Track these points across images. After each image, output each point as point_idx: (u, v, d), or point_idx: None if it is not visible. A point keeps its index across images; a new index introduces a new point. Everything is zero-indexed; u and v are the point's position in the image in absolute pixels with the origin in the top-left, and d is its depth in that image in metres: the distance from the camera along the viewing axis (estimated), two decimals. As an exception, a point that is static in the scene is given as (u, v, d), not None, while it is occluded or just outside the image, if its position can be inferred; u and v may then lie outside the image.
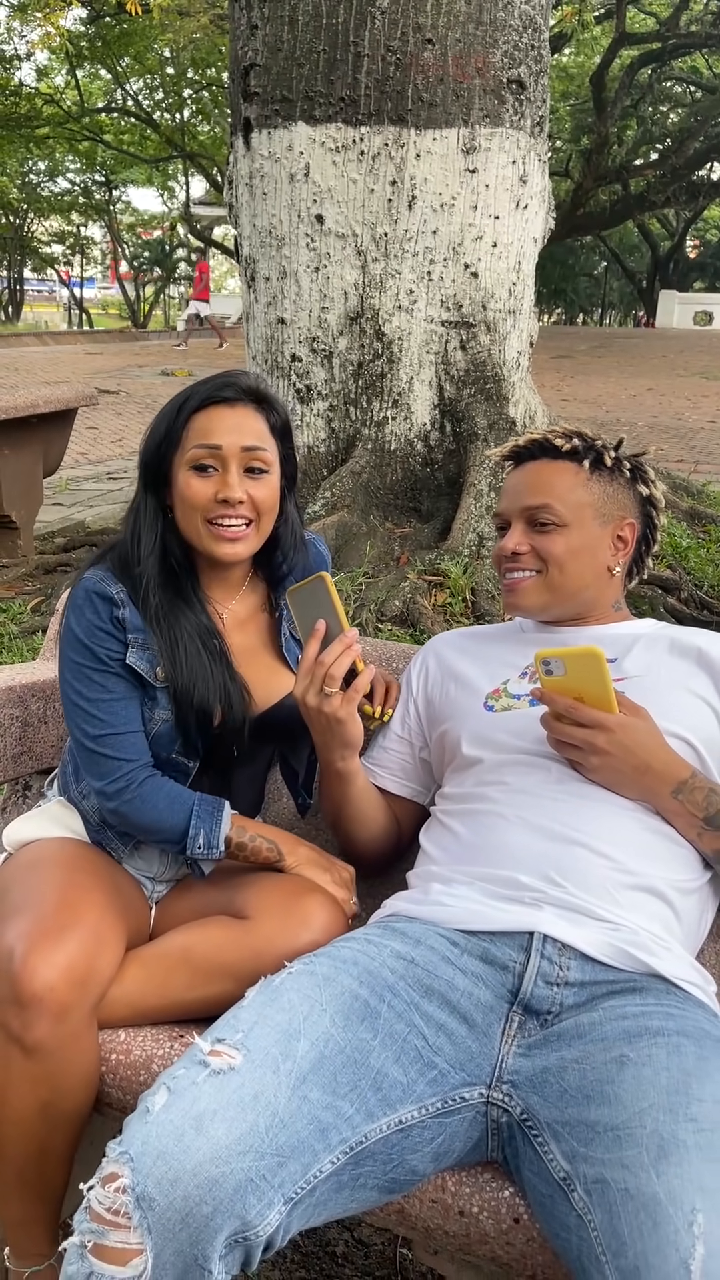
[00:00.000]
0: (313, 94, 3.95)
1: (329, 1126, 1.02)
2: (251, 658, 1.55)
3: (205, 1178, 0.94)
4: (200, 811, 1.43)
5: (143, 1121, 0.99)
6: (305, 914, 1.37)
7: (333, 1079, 1.05)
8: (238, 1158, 0.95)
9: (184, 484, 1.44)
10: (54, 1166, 1.30)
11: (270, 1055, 1.04)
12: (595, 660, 1.29)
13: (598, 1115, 1.01)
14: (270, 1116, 0.99)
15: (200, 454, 1.43)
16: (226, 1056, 1.03)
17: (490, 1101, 1.12)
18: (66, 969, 1.23)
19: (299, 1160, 0.99)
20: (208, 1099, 0.99)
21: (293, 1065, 1.04)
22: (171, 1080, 1.03)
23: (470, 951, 1.22)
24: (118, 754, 1.44)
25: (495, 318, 4.27)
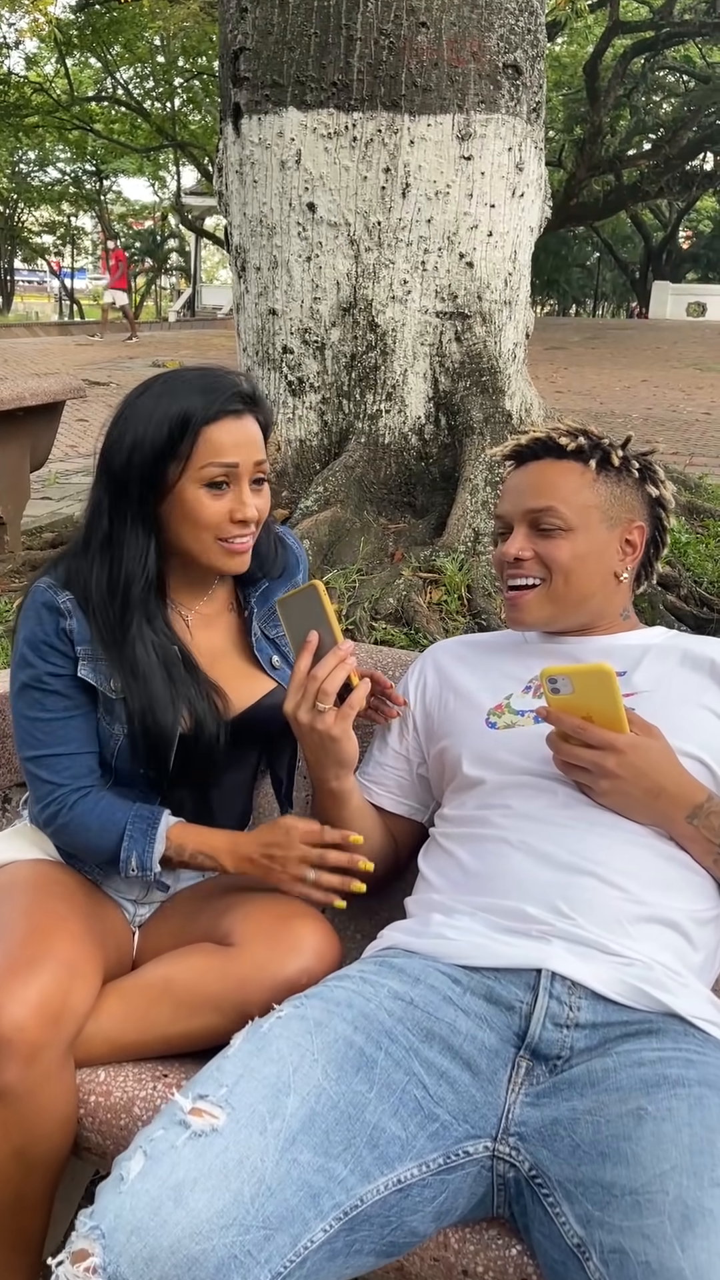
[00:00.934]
0: (304, 78, 3.85)
1: (321, 1191, 0.93)
2: (221, 659, 1.47)
3: (184, 1256, 0.86)
4: (132, 831, 1.35)
5: (116, 1191, 0.91)
6: (295, 939, 1.29)
7: (325, 1138, 0.96)
8: (220, 1232, 0.87)
9: (196, 502, 1.35)
10: (30, 1215, 1.22)
11: (257, 1113, 0.95)
12: (605, 678, 1.21)
13: (614, 1176, 0.93)
14: (256, 1184, 0.91)
15: (215, 472, 1.34)
16: (208, 1116, 0.95)
17: (496, 1155, 1.03)
18: (38, 1006, 1.15)
19: (288, 1231, 0.90)
20: (187, 1166, 0.91)
21: (281, 1124, 0.95)
22: (148, 1143, 0.94)
23: (473, 990, 1.13)
24: (51, 776, 1.37)
25: (491, 309, 4.18)
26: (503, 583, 1.45)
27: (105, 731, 1.39)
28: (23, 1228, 1.22)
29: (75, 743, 1.38)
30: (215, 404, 1.33)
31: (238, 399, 1.35)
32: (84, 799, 1.37)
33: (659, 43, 18.64)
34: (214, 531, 1.36)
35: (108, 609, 1.37)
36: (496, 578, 1.48)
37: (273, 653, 1.50)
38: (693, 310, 27.30)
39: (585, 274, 39.65)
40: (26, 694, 1.38)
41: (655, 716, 1.29)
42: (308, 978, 1.24)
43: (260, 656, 1.49)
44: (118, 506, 1.38)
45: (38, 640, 1.36)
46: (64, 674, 1.37)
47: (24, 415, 4.84)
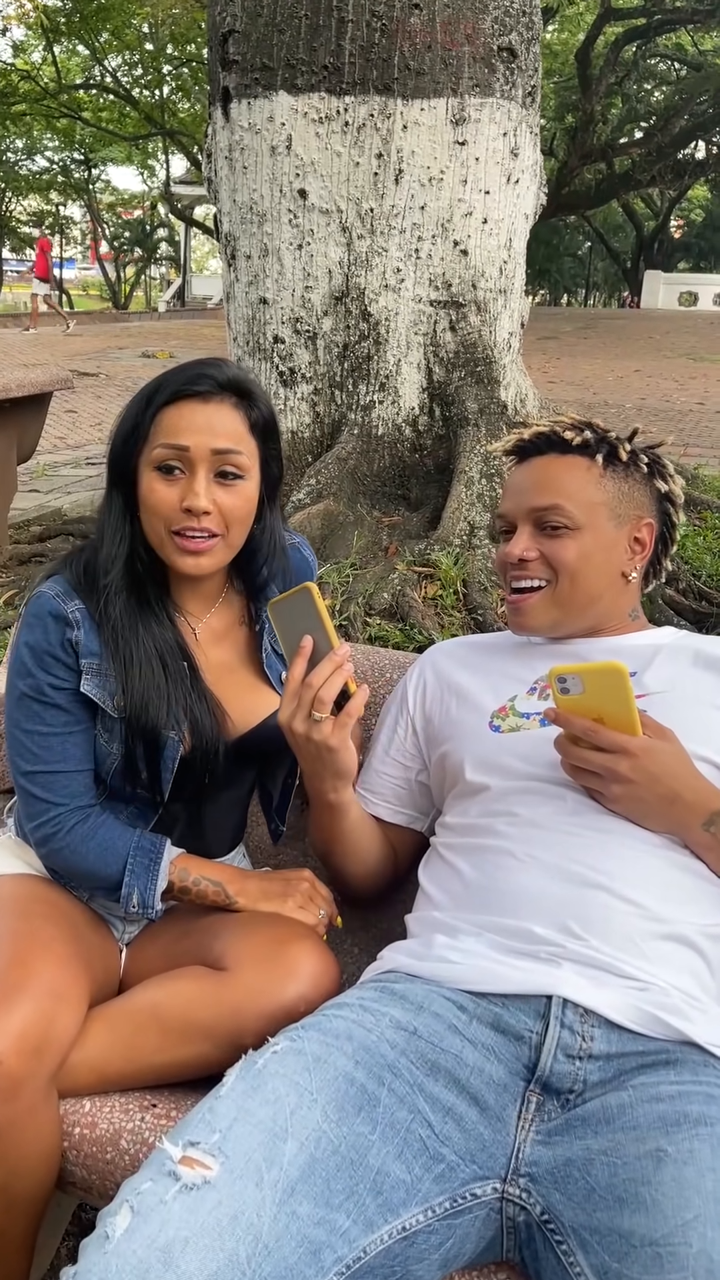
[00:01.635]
0: (294, 61, 3.77)
1: (322, 1245, 0.87)
2: (228, 675, 1.39)
3: None
4: (134, 867, 1.28)
5: (101, 1251, 0.84)
6: (290, 963, 1.22)
7: (326, 1187, 0.90)
8: None
9: (147, 486, 1.27)
10: (13, 1252, 1.16)
11: (252, 1162, 0.88)
12: (618, 677, 1.14)
13: (633, 1224, 0.87)
14: (253, 1242, 0.84)
15: (165, 454, 1.25)
16: (200, 1167, 0.88)
17: (506, 1197, 0.97)
18: (19, 1037, 1.08)
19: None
20: (178, 1223, 0.84)
21: (279, 1174, 0.88)
22: (135, 1197, 0.87)
23: (480, 1018, 1.07)
24: (48, 795, 1.29)
25: (486, 297, 4.10)
26: (505, 585, 1.39)
27: (103, 750, 1.31)
28: (6, 1264, 1.15)
29: (74, 760, 1.30)
30: (181, 387, 1.26)
31: (206, 381, 1.27)
32: (81, 824, 1.30)
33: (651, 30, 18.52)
34: (164, 520, 1.27)
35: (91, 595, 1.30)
36: (498, 579, 1.41)
37: (282, 669, 1.42)
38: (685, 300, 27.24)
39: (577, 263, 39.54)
40: (25, 705, 1.30)
41: (668, 718, 1.23)
42: (305, 1004, 1.17)
43: (270, 674, 1.42)
44: (108, 492, 1.33)
45: (41, 650, 1.28)
46: (66, 687, 1.29)
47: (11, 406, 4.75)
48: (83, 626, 1.28)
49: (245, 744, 1.37)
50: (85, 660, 1.28)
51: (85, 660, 1.28)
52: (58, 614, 1.28)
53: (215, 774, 1.34)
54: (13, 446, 4.96)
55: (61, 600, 1.29)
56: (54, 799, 1.30)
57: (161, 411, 1.26)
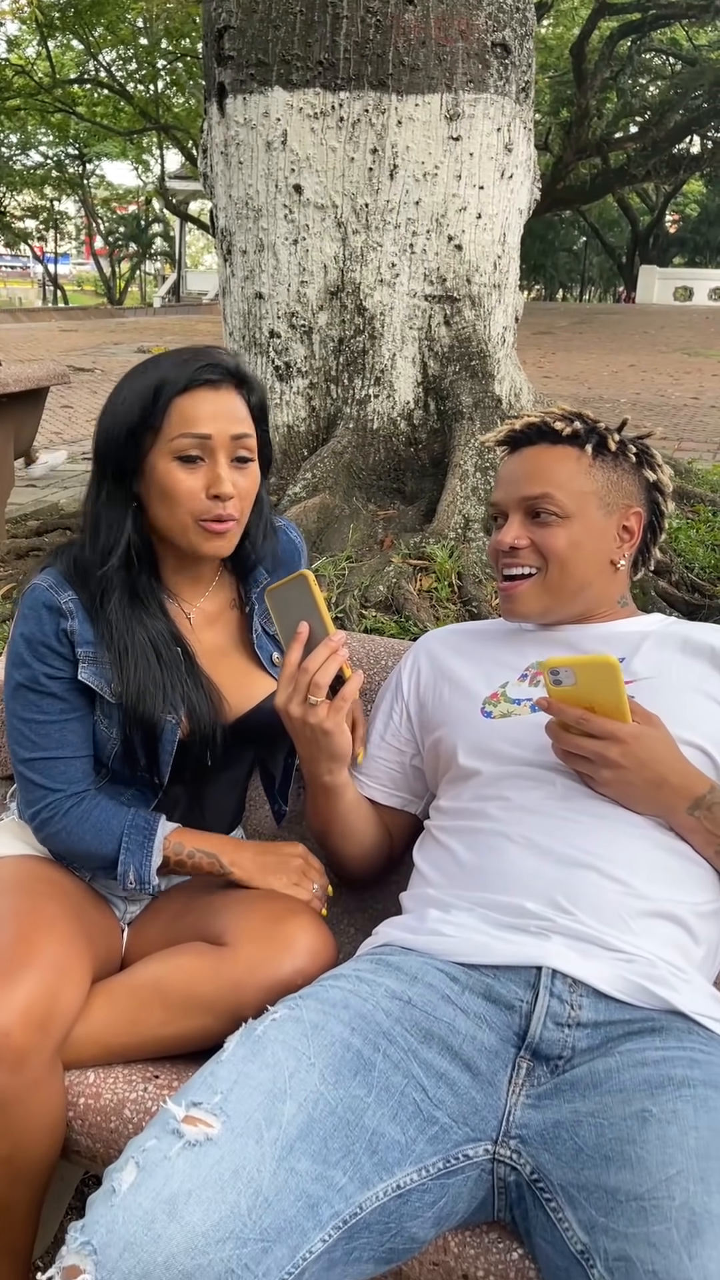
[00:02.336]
0: (289, 57, 3.79)
1: (319, 1201, 0.90)
2: (223, 659, 1.43)
3: (179, 1271, 0.83)
4: (129, 844, 1.32)
5: (108, 1204, 0.88)
6: (288, 939, 1.25)
7: (323, 1145, 0.93)
8: (216, 1246, 0.84)
9: (168, 477, 1.29)
10: (18, 1222, 1.19)
11: (253, 1121, 0.92)
12: (610, 670, 1.18)
13: (619, 1180, 0.90)
14: (253, 1195, 0.88)
15: (187, 444, 1.28)
16: (202, 1125, 0.91)
17: (497, 1159, 1.01)
18: (24, 1010, 1.12)
19: (286, 1243, 0.87)
20: (181, 1177, 0.88)
21: (278, 1132, 0.92)
22: (140, 1154, 0.91)
23: (472, 989, 1.10)
24: (45, 781, 1.33)
25: (480, 292, 4.13)
26: (497, 572, 1.42)
27: (103, 735, 1.35)
28: (11, 1235, 1.19)
29: (70, 746, 1.34)
30: (188, 373, 1.29)
31: (214, 369, 1.30)
32: (77, 806, 1.33)
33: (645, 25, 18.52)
34: (190, 509, 1.30)
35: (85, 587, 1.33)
36: (491, 566, 1.45)
37: (273, 650, 1.46)
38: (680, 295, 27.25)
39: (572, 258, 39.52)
40: (21, 695, 1.33)
41: (655, 704, 1.26)
42: (302, 978, 1.20)
43: (261, 654, 1.45)
44: (100, 485, 1.34)
45: (36, 641, 1.32)
46: (62, 676, 1.32)
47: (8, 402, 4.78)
48: (76, 616, 1.32)
49: (243, 726, 1.41)
50: (81, 649, 1.31)
51: (81, 649, 1.31)
52: (51, 605, 1.32)
53: (214, 756, 1.38)
54: (10, 441, 4.98)
55: (54, 591, 1.32)
56: (51, 785, 1.33)
57: (175, 402, 1.28)
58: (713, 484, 5.14)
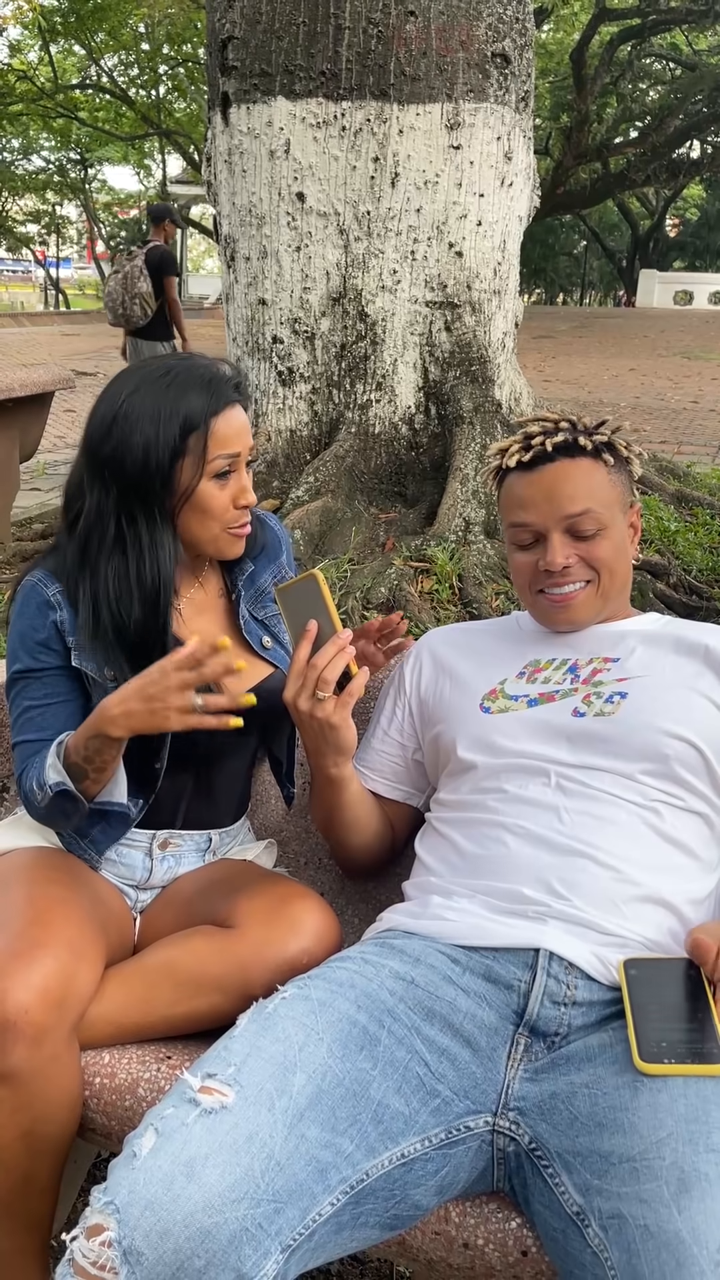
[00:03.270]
0: (292, 68, 3.85)
1: (328, 1166, 0.96)
2: None
3: (198, 1228, 0.88)
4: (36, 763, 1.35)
5: (129, 1167, 0.93)
6: (294, 920, 1.31)
7: (331, 1114, 0.99)
8: (232, 1206, 0.89)
9: (209, 495, 1.37)
10: (39, 1195, 1.24)
11: (265, 1091, 0.98)
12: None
13: (612, 1145, 0.96)
14: (266, 1159, 0.93)
15: (224, 464, 1.36)
16: (218, 1094, 0.97)
17: (496, 1130, 1.06)
18: (41, 990, 1.17)
19: (297, 1204, 0.93)
20: (199, 1142, 0.93)
21: (289, 1101, 0.97)
22: (159, 1121, 0.96)
23: (473, 970, 1.16)
24: (19, 765, 1.39)
25: (480, 298, 4.19)
26: (532, 590, 1.42)
27: None
28: (31, 1209, 1.24)
29: (51, 730, 1.39)
30: (220, 398, 1.35)
31: (234, 389, 1.38)
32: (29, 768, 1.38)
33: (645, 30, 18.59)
34: (222, 521, 1.39)
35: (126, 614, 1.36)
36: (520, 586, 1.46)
37: (263, 634, 1.52)
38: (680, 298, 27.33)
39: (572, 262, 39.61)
40: (16, 684, 1.42)
41: (648, 699, 1.31)
42: (308, 958, 1.26)
43: (250, 639, 1.51)
44: (136, 509, 1.36)
45: (29, 637, 1.40)
46: (53, 667, 1.40)
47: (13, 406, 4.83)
48: (64, 608, 1.39)
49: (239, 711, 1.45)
50: (72, 638, 1.39)
51: (72, 638, 1.39)
52: (42, 600, 1.40)
53: (214, 745, 1.42)
54: (15, 445, 5.03)
55: (44, 586, 1.40)
56: (21, 769, 1.39)
57: (212, 426, 1.34)
58: (711, 487, 5.19)
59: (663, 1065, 1.00)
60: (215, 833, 1.54)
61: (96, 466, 1.38)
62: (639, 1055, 1.01)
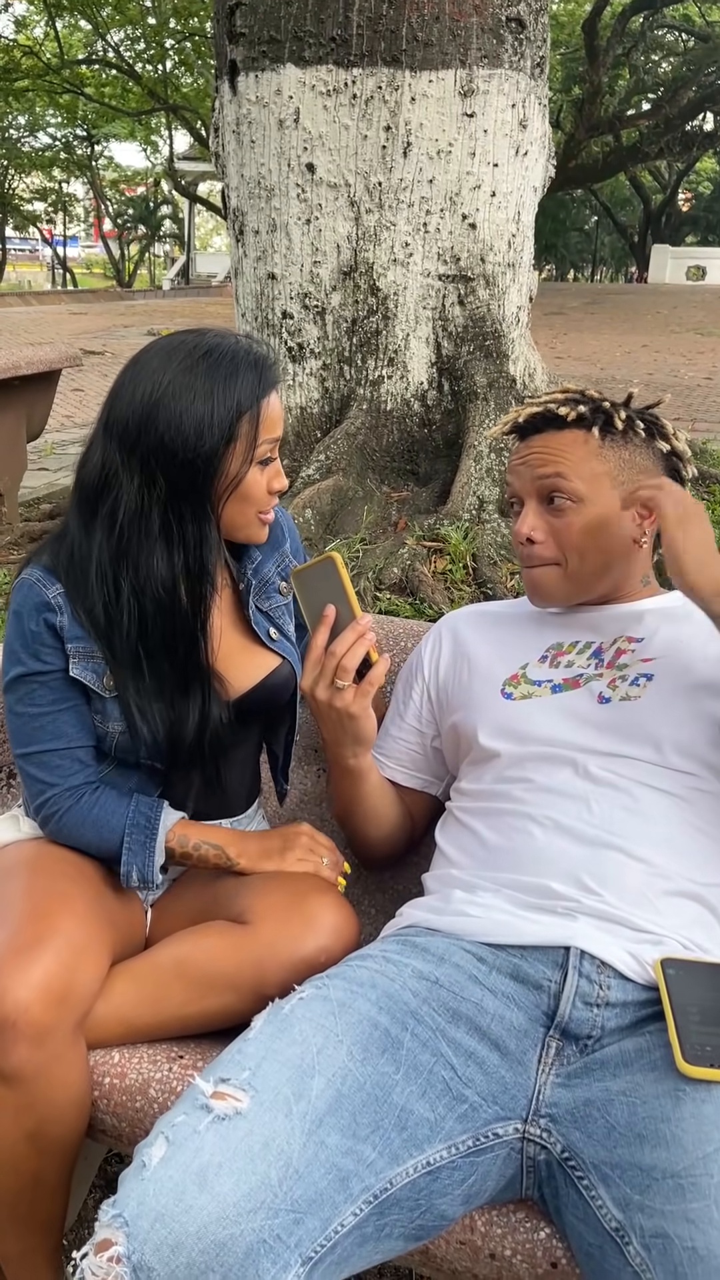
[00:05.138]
0: (302, 34, 3.76)
1: (350, 1174, 0.91)
2: (223, 638, 1.42)
3: (211, 1241, 0.83)
4: (131, 844, 1.31)
5: (139, 1178, 0.88)
6: (310, 917, 1.25)
7: (352, 1120, 0.93)
8: (248, 1216, 0.84)
9: (253, 482, 1.30)
10: (48, 1196, 1.20)
11: (281, 1096, 0.92)
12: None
13: (654, 1159, 0.90)
14: (284, 1166, 0.88)
15: (268, 449, 1.30)
16: (231, 1099, 0.92)
17: (527, 1137, 1.01)
18: (42, 987, 1.12)
19: (318, 1215, 0.88)
20: (212, 1149, 0.88)
21: (307, 1106, 0.92)
22: (170, 1129, 0.91)
23: (500, 969, 1.10)
24: (43, 775, 1.33)
25: (494, 271, 4.10)
26: (520, 557, 1.41)
27: (101, 729, 1.35)
28: (41, 1210, 1.20)
29: (66, 737, 1.33)
30: (268, 380, 1.29)
31: (275, 370, 1.32)
32: (77, 803, 1.33)
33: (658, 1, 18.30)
34: (258, 506, 1.33)
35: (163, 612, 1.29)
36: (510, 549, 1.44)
37: (269, 625, 1.45)
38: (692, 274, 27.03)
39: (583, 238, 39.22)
40: (16, 689, 1.33)
41: (675, 677, 1.25)
42: (326, 956, 1.21)
43: (258, 630, 1.45)
44: (184, 499, 1.27)
45: (27, 638, 1.31)
46: (54, 669, 1.32)
47: (20, 385, 4.77)
48: (65, 611, 1.30)
49: (247, 703, 1.40)
50: (72, 645, 1.31)
51: (72, 645, 1.31)
52: (41, 601, 1.31)
53: (222, 739, 1.37)
54: (22, 424, 4.98)
55: (43, 586, 1.31)
56: (49, 779, 1.33)
57: (263, 409, 1.28)
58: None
59: (708, 1069, 0.94)
60: (226, 821, 1.49)
61: (134, 452, 1.25)
62: (683, 1056, 0.96)
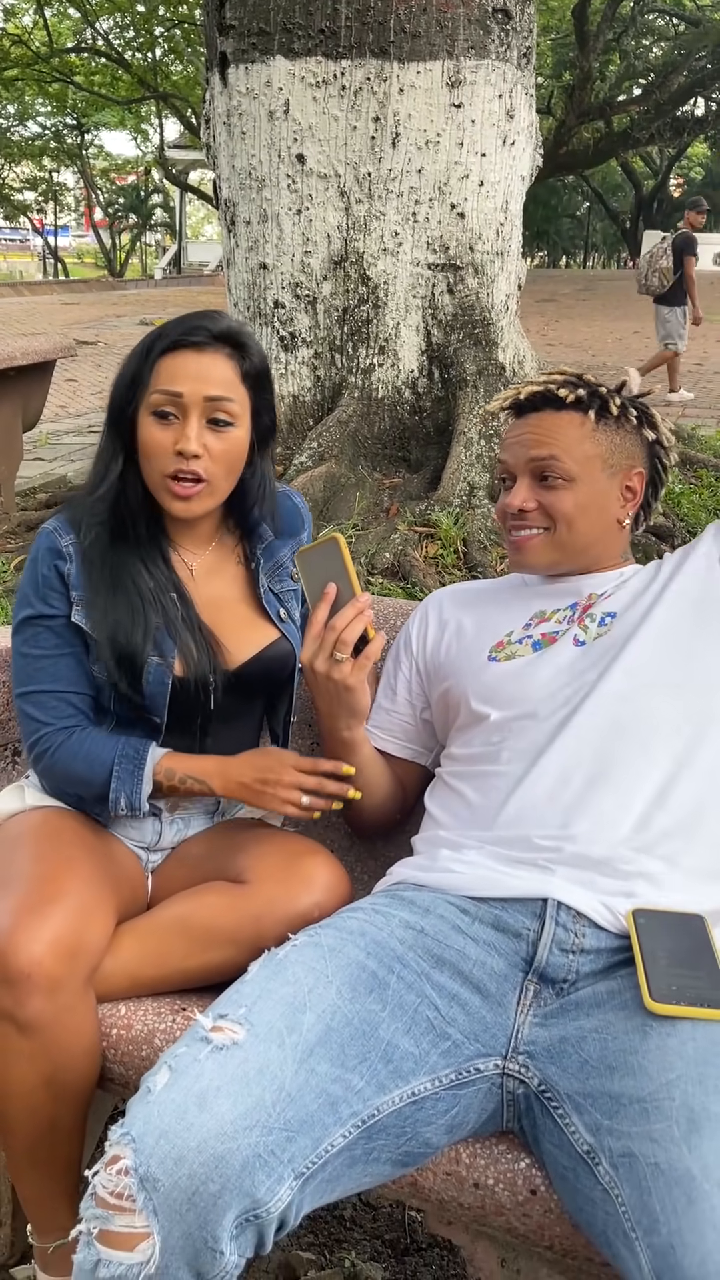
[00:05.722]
0: (291, 26, 3.81)
1: (339, 1100, 0.99)
2: (226, 609, 1.49)
3: (211, 1154, 0.91)
4: (120, 773, 1.38)
5: (144, 1102, 0.96)
6: (306, 876, 1.33)
7: (341, 1051, 1.02)
8: (244, 1133, 0.92)
9: (144, 430, 1.38)
10: (64, 1140, 1.28)
11: (275, 1029, 1.01)
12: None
13: (622, 1087, 0.98)
14: (277, 1090, 0.96)
15: (161, 400, 1.35)
16: (229, 1032, 1.00)
17: (506, 1073, 1.09)
18: (53, 942, 1.20)
19: (309, 1134, 0.96)
20: (211, 1075, 0.96)
21: (299, 1038, 1.00)
22: (173, 1059, 1.00)
23: (482, 919, 1.18)
24: (38, 714, 1.40)
25: (483, 260, 4.16)
26: (505, 530, 1.47)
27: (100, 678, 1.42)
28: (58, 1153, 1.27)
29: (64, 681, 1.41)
30: (177, 333, 1.37)
31: (202, 332, 1.37)
32: (69, 739, 1.39)
33: (648, -16, 18.29)
34: (159, 465, 1.37)
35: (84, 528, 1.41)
36: (498, 528, 1.50)
37: (280, 606, 1.53)
38: (684, 259, 26.98)
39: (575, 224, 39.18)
40: (23, 630, 1.43)
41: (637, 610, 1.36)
42: (319, 911, 1.28)
43: (269, 609, 1.52)
44: (110, 441, 1.42)
45: (38, 581, 1.41)
46: (59, 614, 1.41)
47: (15, 376, 4.82)
48: (73, 560, 1.41)
49: (245, 674, 1.47)
50: (75, 593, 1.41)
51: (75, 593, 1.41)
52: (52, 547, 1.42)
53: (217, 702, 1.44)
54: (18, 414, 5.02)
55: (58, 535, 1.42)
56: (44, 718, 1.40)
57: (160, 360, 1.36)
58: (715, 449, 5.18)
59: (673, 1006, 1.02)
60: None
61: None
62: (650, 995, 1.03)
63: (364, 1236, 1.60)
